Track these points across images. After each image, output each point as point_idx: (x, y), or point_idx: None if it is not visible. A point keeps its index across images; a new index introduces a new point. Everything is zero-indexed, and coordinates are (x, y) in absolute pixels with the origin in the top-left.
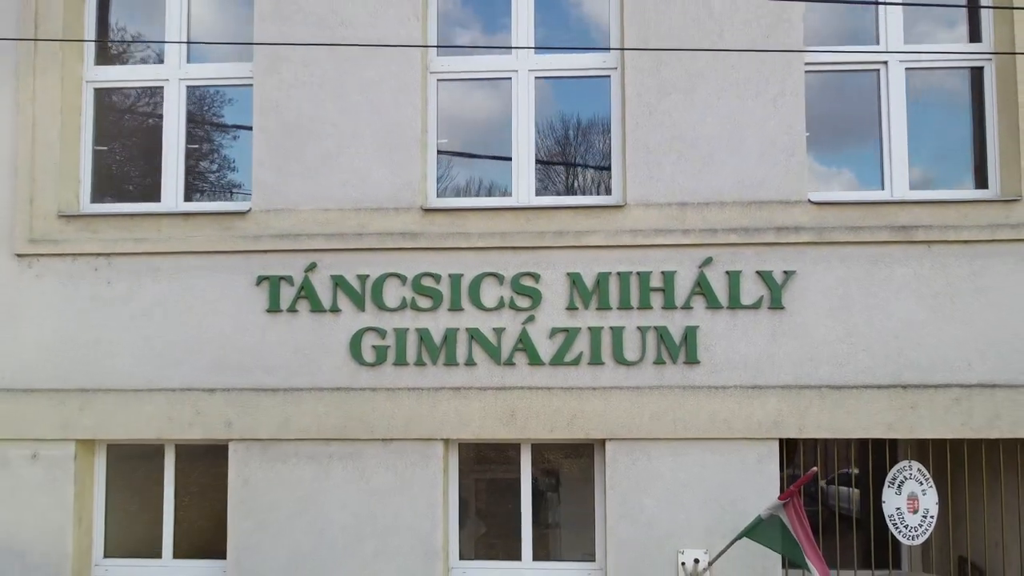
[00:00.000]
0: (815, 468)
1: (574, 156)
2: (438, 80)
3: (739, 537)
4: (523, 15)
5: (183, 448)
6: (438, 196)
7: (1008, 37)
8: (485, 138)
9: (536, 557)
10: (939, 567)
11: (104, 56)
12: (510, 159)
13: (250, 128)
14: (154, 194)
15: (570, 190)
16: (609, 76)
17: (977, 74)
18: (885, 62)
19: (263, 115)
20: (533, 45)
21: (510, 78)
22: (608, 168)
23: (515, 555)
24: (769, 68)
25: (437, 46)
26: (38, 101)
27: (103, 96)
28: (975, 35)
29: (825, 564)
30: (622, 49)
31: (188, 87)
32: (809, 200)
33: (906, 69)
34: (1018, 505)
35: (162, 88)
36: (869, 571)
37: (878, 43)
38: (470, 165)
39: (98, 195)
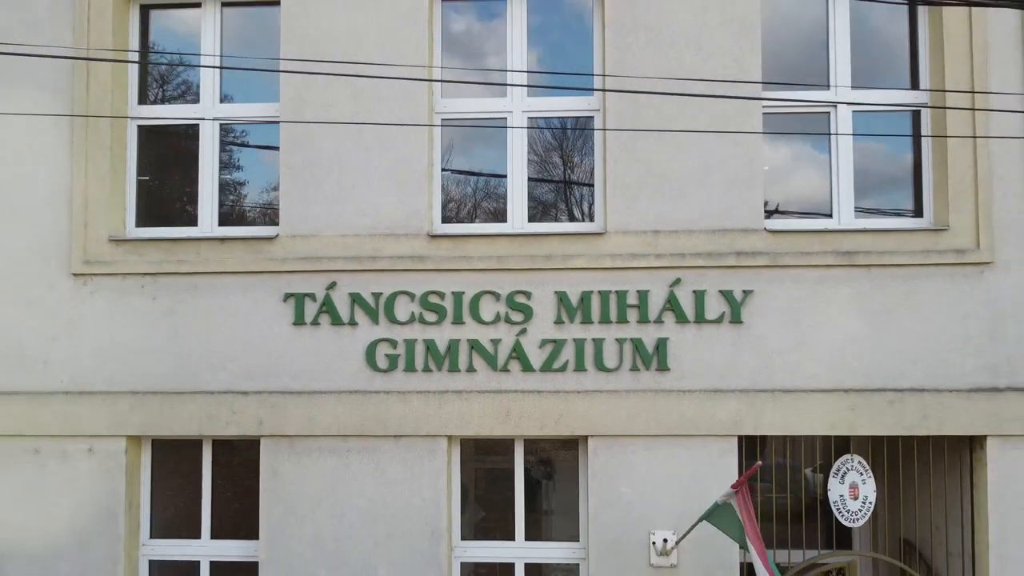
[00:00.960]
0: (759, 462)
1: (562, 187)
2: (442, 120)
3: (699, 521)
4: (517, 64)
5: (219, 443)
6: (442, 223)
7: (940, 86)
8: (484, 169)
9: (528, 537)
10: (884, 547)
11: (147, 96)
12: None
13: (276, 156)
14: (192, 220)
15: (559, 217)
16: (593, 117)
17: (916, 116)
18: (835, 105)
19: (288, 151)
20: (525, 79)
21: (505, 118)
22: (592, 197)
23: (509, 535)
24: (732, 112)
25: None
26: (90, 138)
27: (145, 132)
28: (915, 82)
29: (763, 544)
30: (604, 90)
31: (221, 125)
32: (765, 229)
33: (852, 112)
34: (945, 493)
35: (198, 125)
36: (815, 550)
37: (829, 88)
38: (472, 198)
39: (142, 221)
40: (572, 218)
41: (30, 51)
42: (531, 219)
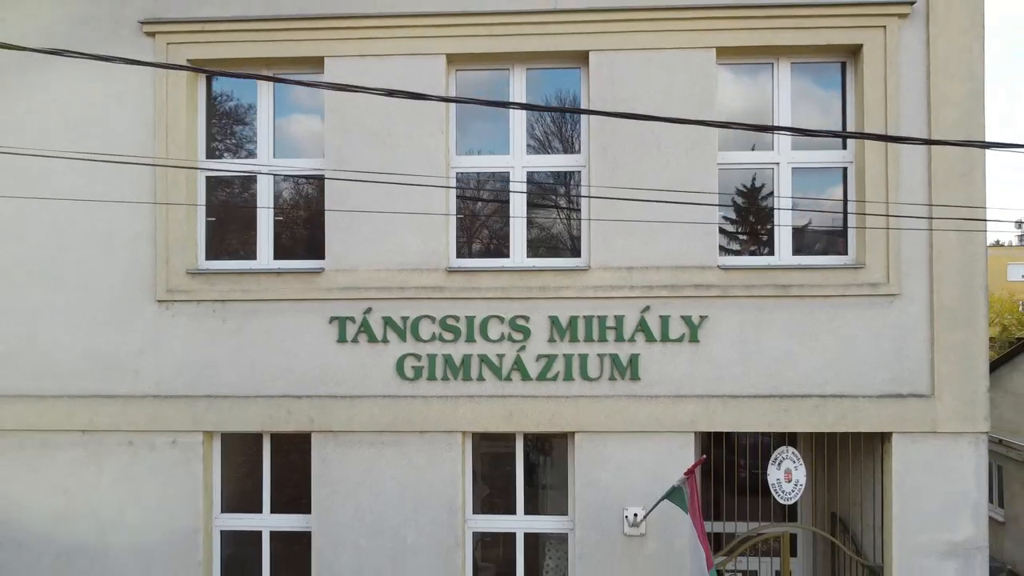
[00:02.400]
0: (704, 456)
1: (555, 231)
2: (457, 173)
3: (661, 499)
4: (517, 132)
5: (276, 436)
6: (457, 258)
7: (862, 150)
8: (492, 211)
9: (526, 512)
10: (820, 521)
11: (213, 152)
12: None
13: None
14: (252, 254)
15: (551, 253)
16: (580, 172)
17: (845, 172)
18: (777, 163)
19: (332, 201)
20: (524, 141)
21: (508, 172)
22: (578, 238)
23: (511, 510)
24: (692, 170)
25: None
26: (168, 188)
27: (212, 181)
28: (845, 143)
29: (702, 521)
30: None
31: (276, 175)
32: (718, 266)
33: (792, 168)
34: (862, 477)
35: (255, 178)
36: (757, 522)
37: (772, 151)
38: (481, 238)
39: (211, 255)
40: (562, 255)
41: (119, 122)
42: (529, 256)
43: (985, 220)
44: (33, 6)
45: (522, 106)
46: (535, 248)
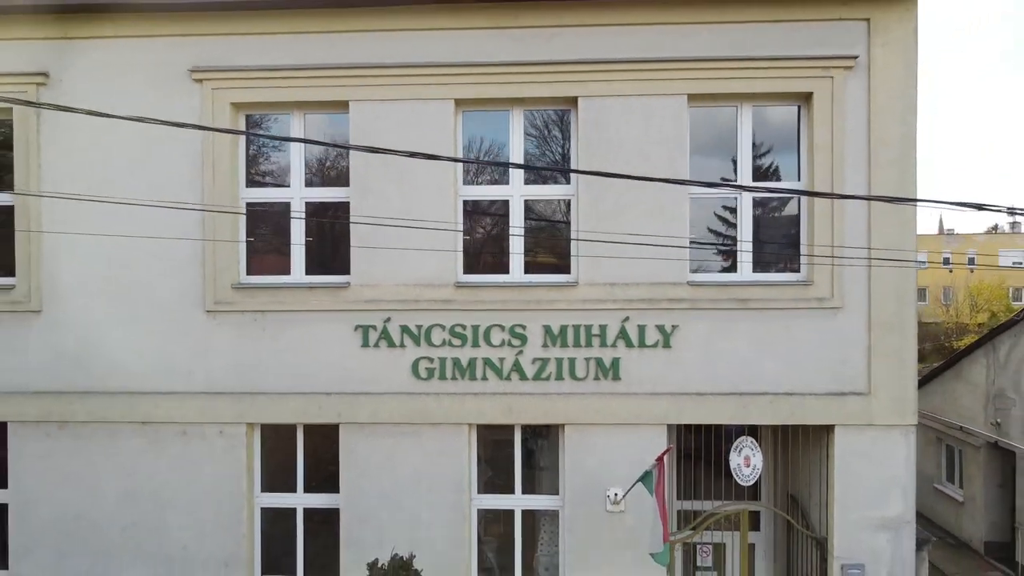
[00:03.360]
0: (671, 446)
1: (547, 250)
2: (463, 201)
3: (637, 482)
4: (517, 158)
5: (308, 427)
6: (464, 274)
7: (811, 180)
8: (494, 234)
9: (523, 492)
10: (779, 500)
11: (251, 181)
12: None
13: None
14: (286, 271)
15: (545, 270)
16: (570, 200)
17: (798, 201)
18: (740, 194)
19: (359, 226)
20: (522, 173)
21: (508, 200)
22: (569, 257)
23: (510, 490)
24: (667, 199)
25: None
26: (215, 215)
27: (252, 209)
28: (799, 175)
29: (664, 501)
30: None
31: (306, 202)
32: (688, 282)
33: (753, 198)
34: (810, 463)
35: (289, 203)
36: (720, 500)
37: (736, 179)
38: (484, 257)
39: (251, 272)
40: (555, 272)
41: (173, 157)
42: (526, 273)
43: (915, 251)
44: (94, 54)
45: (370, 149)
46: (531, 265)
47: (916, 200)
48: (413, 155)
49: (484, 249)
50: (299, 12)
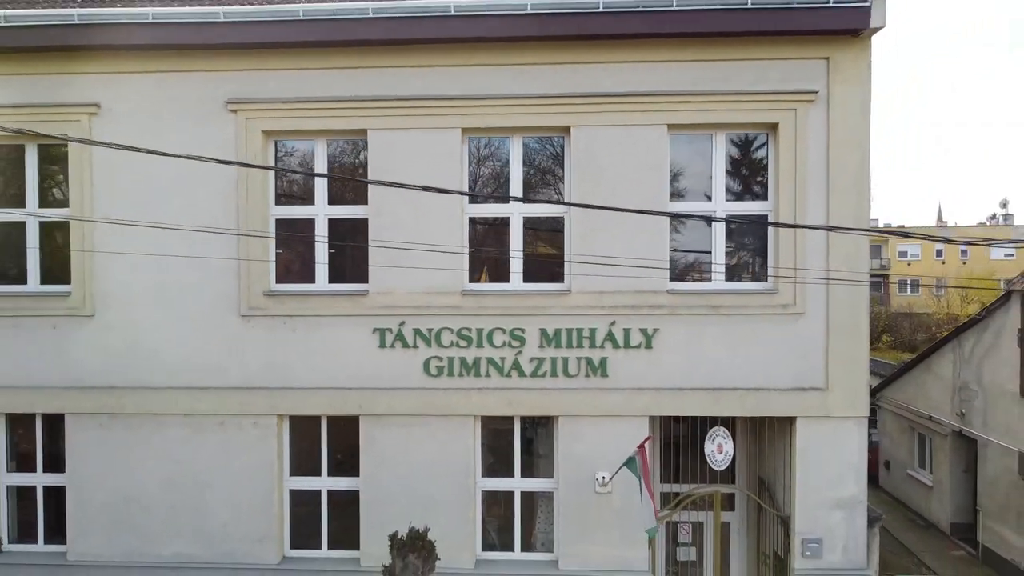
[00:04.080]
0: (649, 436)
1: (544, 262)
2: (469, 218)
3: (621, 466)
4: (516, 185)
5: (332, 418)
6: (469, 283)
7: (777, 200)
8: (497, 248)
9: (522, 475)
10: (750, 482)
11: (280, 199)
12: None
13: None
14: (311, 279)
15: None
16: (563, 217)
17: (767, 217)
18: (714, 212)
19: (377, 238)
20: (521, 194)
21: (508, 217)
22: (563, 268)
23: (511, 474)
24: (650, 220)
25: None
26: (249, 228)
27: (280, 223)
28: (767, 195)
29: (651, 487)
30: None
31: (329, 219)
32: (667, 291)
33: (726, 215)
34: (775, 450)
35: (314, 220)
36: (696, 484)
37: (711, 201)
38: (487, 268)
39: (280, 280)
40: (550, 281)
41: (212, 177)
42: (524, 281)
43: (868, 267)
44: (141, 87)
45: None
46: (529, 275)
47: (838, 228)
48: (425, 189)
49: (487, 260)
50: (323, 50)
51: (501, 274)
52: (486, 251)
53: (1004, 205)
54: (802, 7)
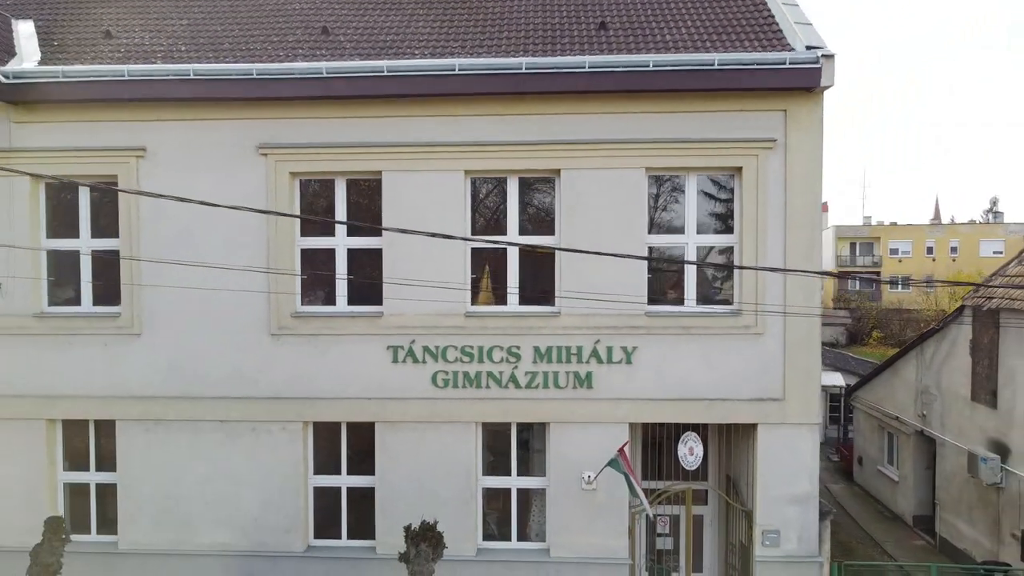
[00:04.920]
0: (628, 440)
1: (537, 287)
2: (471, 249)
3: (604, 467)
4: (513, 219)
5: (351, 424)
6: (471, 305)
7: (741, 233)
8: (495, 275)
9: (518, 474)
10: (720, 480)
11: (304, 231)
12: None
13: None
14: (332, 302)
15: (534, 302)
16: (556, 246)
17: (732, 249)
18: (686, 243)
19: (388, 268)
20: (517, 227)
21: (506, 248)
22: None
23: (508, 473)
24: (628, 247)
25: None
26: (278, 257)
27: (305, 252)
28: (732, 230)
29: (637, 477)
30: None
31: (348, 249)
32: (645, 313)
33: (696, 247)
34: (740, 450)
35: (334, 250)
36: (672, 481)
37: (684, 234)
38: (488, 291)
39: (304, 303)
40: (542, 304)
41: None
42: (520, 304)
43: (819, 304)
44: (182, 132)
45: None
46: (524, 298)
47: (777, 269)
48: (433, 235)
49: (487, 285)
50: (343, 102)
51: (499, 285)
52: (486, 277)
53: (994, 204)
54: (762, 68)
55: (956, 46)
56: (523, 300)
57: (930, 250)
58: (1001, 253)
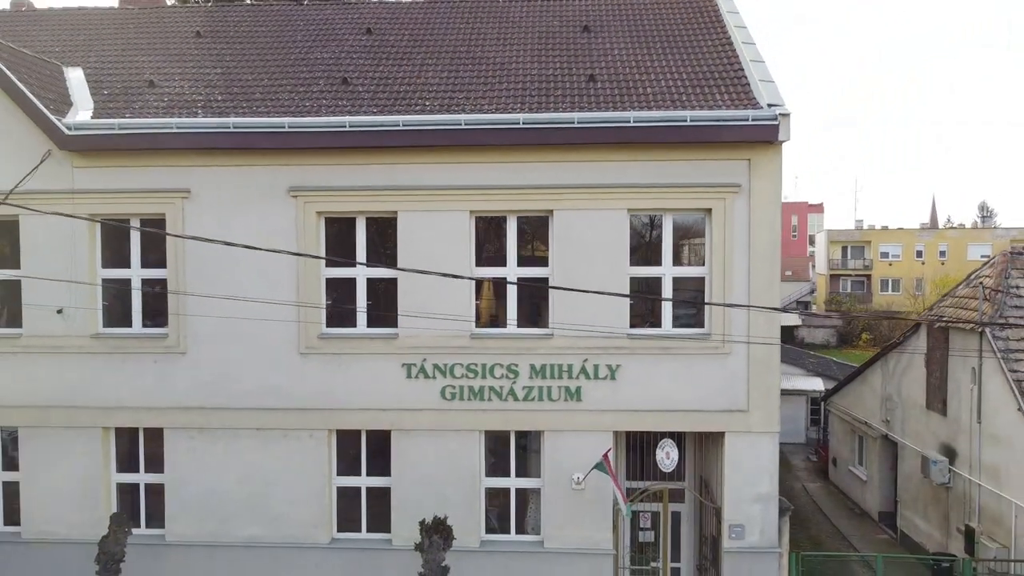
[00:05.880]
0: (610, 447)
1: (534, 311)
2: (476, 279)
3: (592, 469)
4: (512, 253)
5: (369, 432)
6: (476, 328)
7: (711, 266)
8: (495, 300)
9: (516, 475)
10: (695, 480)
11: (329, 263)
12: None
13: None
14: (353, 324)
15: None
16: (547, 278)
17: (704, 279)
18: (663, 274)
19: (403, 297)
20: (516, 258)
21: (505, 277)
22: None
23: (507, 474)
24: (614, 277)
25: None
26: (308, 287)
27: (329, 282)
28: (704, 262)
29: (617, 480)
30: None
31: (368, 279)
32: (627, 335)
33: (672, 277)
34: (711, 455)
35: (355, 279)
36: (655, 481)
37: (661, 266)
38: (489, 315)
39: (329, 325)
40: (537, 327)
41: (278, 245)
42: (518, 326)
43: (779, 328)
44: (222, 176)
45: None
46: (523, 320)
47: (744, 305)
48: (444, 275)
49: (490, 310)
50: (364, 151)
51: (500, 298)
52: (489, 303)
53: (982, 208)
54: (729, 124)
55: (956, 45)
56: (520, 323)
57: (919, 253)
58: (988, 257)
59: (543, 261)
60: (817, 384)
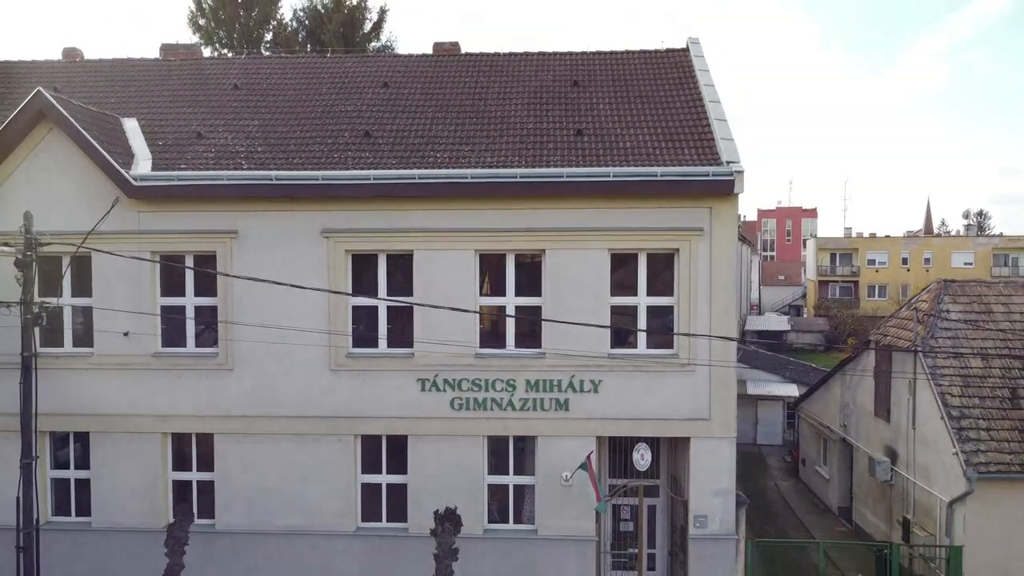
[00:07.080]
0: (592, 450)
1: (528, 333)
2: (479, 307)
3: (577, 468)
4: (511, 285)
5: (389, 437)
6: (480, 348)
7: (678, 296)
8: (495, 325)
9: (514, 473)
10: (668, 478)
11: (355, 291)
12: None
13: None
14: (375, 344)
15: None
16: (541, 306)
17: (673, 308)
18: (639, 303)
19: (418, 321)
20: (514, 290)
21: (504, 307)
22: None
23: (506, 472)
24: (598, 306)
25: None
26: (336, 310)
27: (356, 309)
28: (673, 292)
29: (595, 483)
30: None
31: (387, 307)
32: (607, 355)
33: (647, 306)
34: (680, 456)
35: (377, 307)
36: (631, 478)
37: (637, 296)
38: (491, 337)
39: (355, 345)
40: (532, 347)
41: (313, 276)
42: (516, 347)
43: (737, 348)
44: (264, 219)
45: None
46: (519, 341)
47: (700, 335)
48: (453, 309)
49: (491, 332)
50: (385, 199)
51: (500, 341)
52: (491, 326)
53: (966, 216)
54: (693, 179)
55: (958, 52)
56: (518, 343)
57: (905, 260)
58: (971, 264)
59: (538, 290)
60: (792, 390)
